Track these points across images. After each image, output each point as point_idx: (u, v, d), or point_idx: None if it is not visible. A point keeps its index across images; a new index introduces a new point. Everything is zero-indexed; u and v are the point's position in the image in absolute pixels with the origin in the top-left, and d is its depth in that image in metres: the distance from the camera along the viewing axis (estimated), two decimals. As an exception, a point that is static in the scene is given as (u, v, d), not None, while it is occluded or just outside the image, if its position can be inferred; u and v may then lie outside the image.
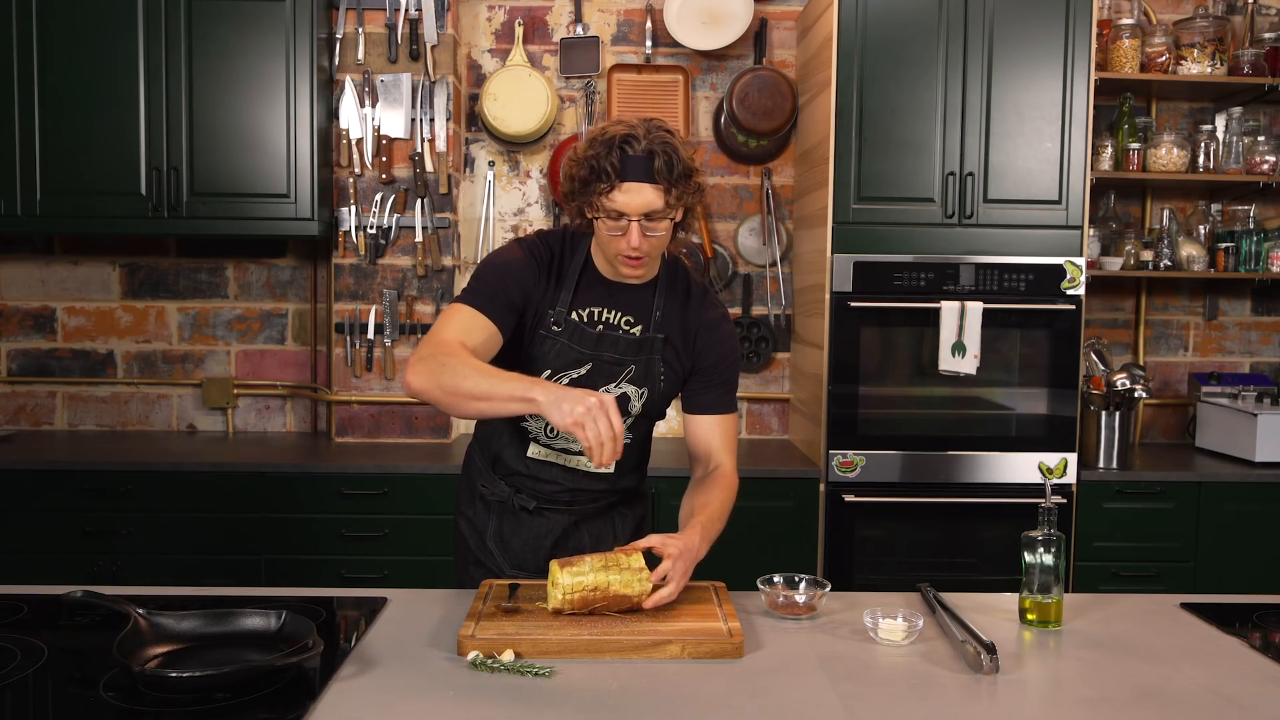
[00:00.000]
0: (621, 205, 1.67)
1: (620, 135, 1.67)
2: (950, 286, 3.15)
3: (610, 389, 1.83)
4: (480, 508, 1.99)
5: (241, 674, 1.35)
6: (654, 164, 1.66)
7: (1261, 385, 3.59)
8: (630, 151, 1.66)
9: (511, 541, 1.95)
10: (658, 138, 1.67)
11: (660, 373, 1.85)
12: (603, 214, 1.70)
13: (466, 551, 2.01)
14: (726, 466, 1.89)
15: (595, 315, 1.82)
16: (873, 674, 1.47)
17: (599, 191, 1.68)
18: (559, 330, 1.80)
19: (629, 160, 1.66)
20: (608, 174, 1.66)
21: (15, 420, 3.76)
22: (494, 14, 3.70)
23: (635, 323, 1.84)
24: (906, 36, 3.12)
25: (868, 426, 3.19)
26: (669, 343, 1.85)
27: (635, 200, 1.67)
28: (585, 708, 1.33)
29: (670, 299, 1.86)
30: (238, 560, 3.11)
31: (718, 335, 1.89)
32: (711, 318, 1.89)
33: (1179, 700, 1.39)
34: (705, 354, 1.88)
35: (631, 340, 1.83)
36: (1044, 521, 1.68)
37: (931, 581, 1.83)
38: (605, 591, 1.60)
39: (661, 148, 1.66)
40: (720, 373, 1.90)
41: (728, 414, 1.92)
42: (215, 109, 3.26)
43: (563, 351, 1.80)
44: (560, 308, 1.80)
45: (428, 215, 3.47)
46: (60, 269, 3.74)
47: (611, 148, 1.66)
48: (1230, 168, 3.48)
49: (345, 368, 3.50)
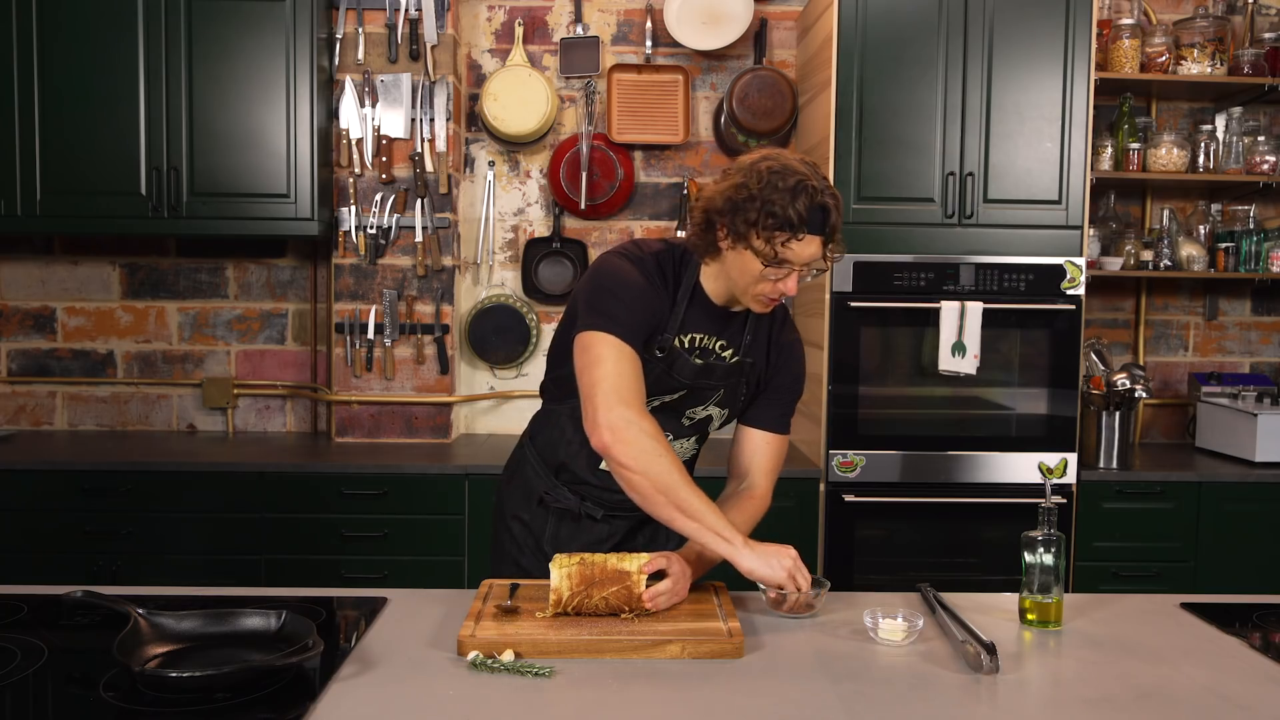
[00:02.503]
0: (795, 255, 1.65)
1: (808, 185, 1.63)
2: (950, 286, 3.15)
3: (697, 411, 1.85)
4: (539, 512, 1.96)
5: (241, 674, 1.35)
6: (830, 219, 1.65)
7: (1261, 385, 3.59)
8: (815, 201, 1.63)
9: (568, 546, 1.93)
10: (830, 188, 1.66)
11: (743, 395, 1.88)
12: (770, 260, 1.66)
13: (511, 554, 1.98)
14: (763, 488, 1.89)
15: (696, 341, 1.81)
16: (873, 674, 1.47)
17: (777, 239, 1.64)
18: (661, 356, 1.78)
19: (814, 211, 1.64)
20: (793, 223, 1.62)
21: (15, 420, 3.76)
22: (494, 14, 3.70)
23: (728, 347, 1.84)
24: (906, 36, 3.11)
25: (868, 426, 3.19)
26: (754, 366, 1.88)
27: (808, 251, 1.66)
28: (585, 708, 1.33)
29: (759, 323, 1.87)
30: (238, 560, 3.11)
31: (792, 357, 1.91)
32: (789, 340, 1.91)
33: (1179, 700, 1.39)
34: (778, 374, 1.90)
35: (724, 366, 1.84)
36: (1044, 521, 1.68)
37: (931, 581, 1.83)
38: (604, 566, 1.61)
39: (835, 201, 1.66)
40: (786, 393, 1.91)
41: (780, 434, 1.92)
42: (215, 109, 3.26)
43: (660, 378, 1.78)
44: (668, 334, 1.77)
45: (428, 215, 3.47)
46: (60, 269, 3.74)
47: (797, 195, 1.62)
48: (1230, 168, 3.48)
49: (345, 368, 3.50)
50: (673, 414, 1.84)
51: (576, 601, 1.60)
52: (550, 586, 1.61)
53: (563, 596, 1.60)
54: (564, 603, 1.61)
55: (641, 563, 1.63)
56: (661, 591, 1.64)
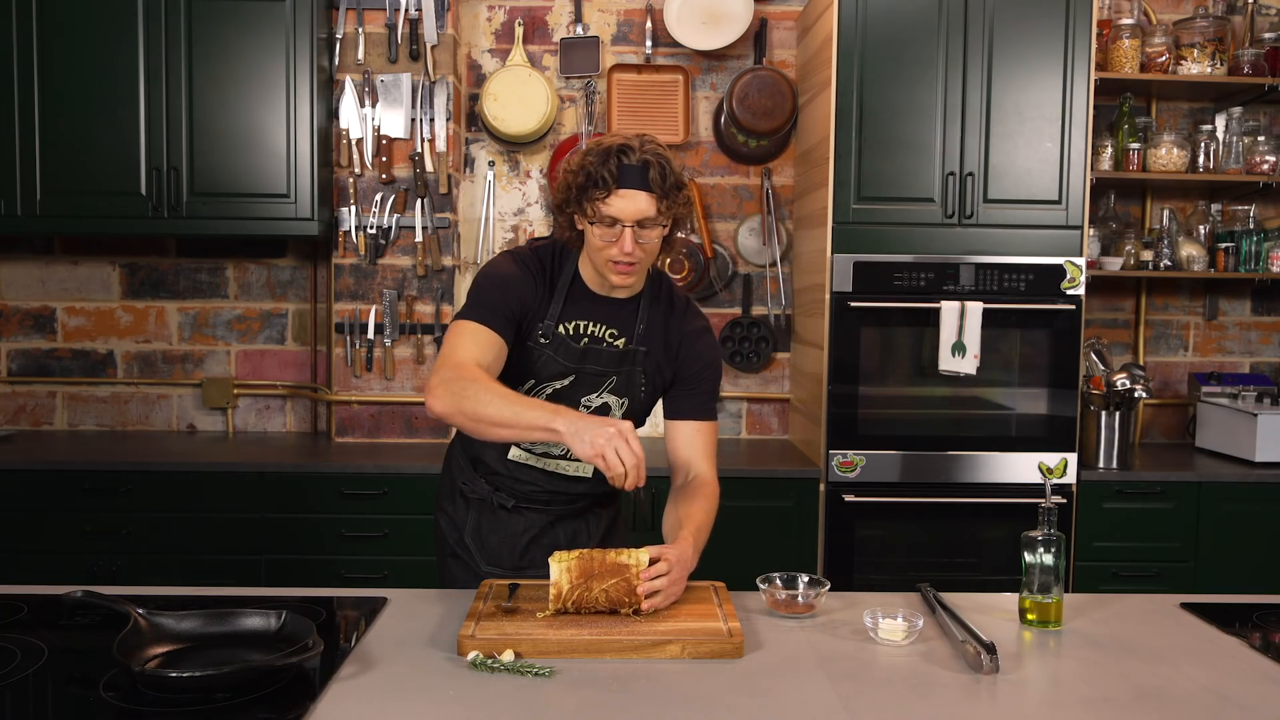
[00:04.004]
0: (617, 211, 1.72)
1: (617, 145, 1.73)
2: (950, 286, 3.15)
3: (591, 399, 1.88)
4: (460, 504, 2.04)
5: (241, 674, 1.35)
6: (649, 173, 1.72)
7: (1261, 385, 3.59)
8: (627, 160, 1.72)
9: (489, 538, 1.99)
10: (651, 149, 1.74)
11: (641, 384, 1.90)
12: (597, 220, 1.74)
13: (445, 546, 2.06)
14: (706, 474, 1.91)
15: (581, 328, 1.87)
16: (873, 674, 1.47)
17: (595, 198, 1.73)
18: (546, 343, 1.85)
19: (625, 168, 1.72)
20: (604, 181, 1.71)
21: (15, 420, 3.76)
22: (494, 14, 3.70)
23: (619, 335, 1.89)
24: (906, 36, 3.12)
25: (868, 426, 3.19)
26: (650, 355, 1.90)
27: (630, 207, 1.72)
28: (585, 708, 1.33)
29: (653, 312, 1.91)
30: (238, 560, 3.11)
31: (699, 346, 1.93)
32: (693, 329, 1.94)
33: (1179, 700, 1.39)
34: (687, 364, 1.92)
35: (614, 353, 1.88)
36: (1044, 521, 1.68)
37: (931, 581, 1.83)
38: (603, 560, 1.61)
39: (655, 158, 1.73)
40: (701, 382, 1.94)
41: (708, 421, 1.95)
42: (215, 109, 3.26)
43: (548, 364, 1.85)
44: (549, 320, 1.85)
45: (428, 215, 3.47)
46: (60, 269, 3.73)
47: (608, 157, 1.72)
48: (1230, 168, 3.48)
49: (345, 368, 3.50)
50: (568, 403, 1.86)
51: (577, 595, 1.61)
52: (550, 582, 1.62)
53: (562, 590, 1.61)
54: (564, 597, 1.61)
55: (641, 556, 1.63)
56: (658, 575, 1.62)
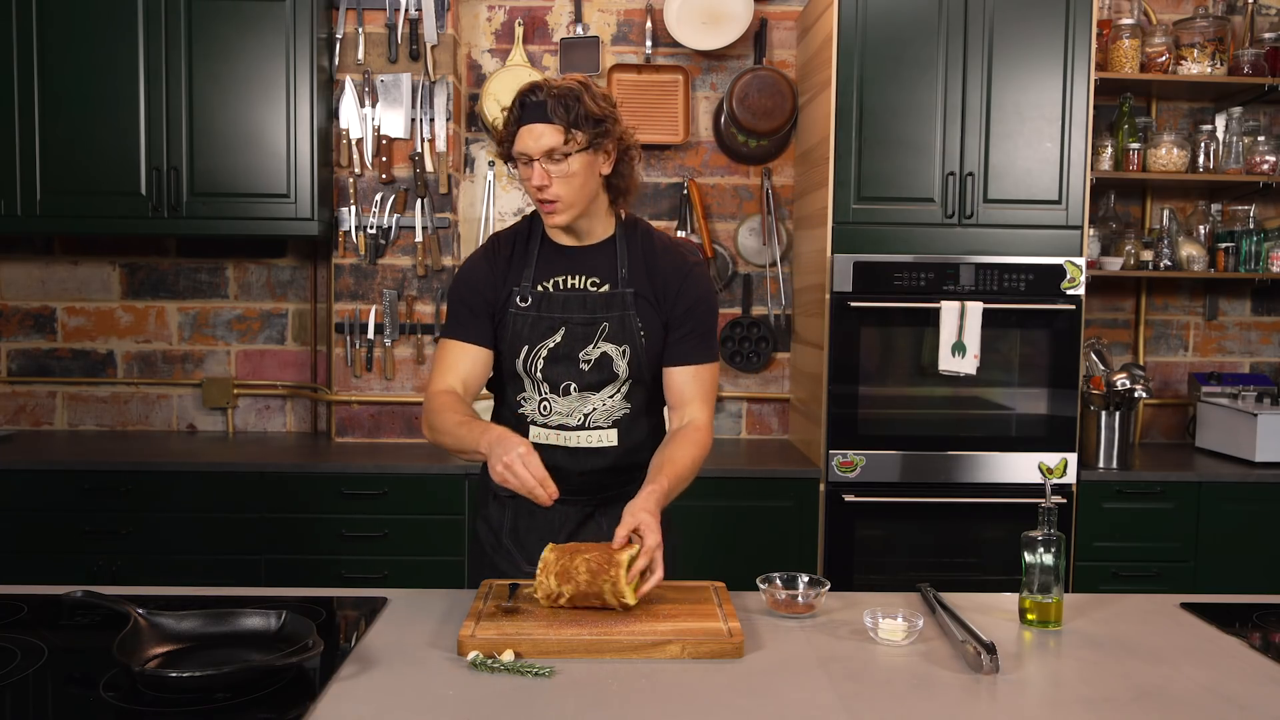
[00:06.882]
0: (523, 146, 1.78)
1: (525, 88, 1.80)
2: (950, 286, 3.15)
3: (589, 351, 1.85)
4: (494, 506, 1.98)
5: (241, 674, 1.35)
6: (549, 106, 1.77)
7: (1261, 385, 3.59)
8: (532, 98, 1.78)
9: (527, 538, 1.93)
10: (560, 85, 1.79)
11: (639, 328, 1.86)
12: (514, 161, 1.81)
13: (483, 554, 1.99)
14: (700, 419, 1.88)
15: (560, 284, 1.88)
16: (873, 674, 1.47)
17: (507, 138, 1.81)
18: (527, 305, 1.86)
19: (529, 105, 1.78)
20: (512, 120, 1.80)
21: (15, 420, 3.76)
22: (494, 14, 3.70)
23: (601, 283, 1.88)
24: (906, 36, 3.12)
25: (868, 426, 3.19)
26: (640, 296, 1.87)
27: (532, 141, 1.77)
28: (585, 708, 1.33)
29: (632, 254, 1.89)
30: (238, 560, 3.11)
31: (689, 281, 1.89)
32: (681, 265, 1.91)
33: (1179, 700, 1.39)
34: (678, 301, 1.88)
35: (599, 297, 1.86)
36: (1044, 521, 1.68)
37: (931, 581, 1.83)
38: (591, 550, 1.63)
39: (561, 91, 1.77)
40: (694, 319, 1.89)
41: (704, 364, 1.90)
42: (215, 109, 3.26)
43: (534, 324, 1.86)
44: (525, 284, 1.87)
45: (428, 215, 3.47)
46: (60, 269, 3.74)
47: (516, 98, 1.81)
48: (1230, 168, 3.48)
49: (345, 368, 3.50)
50: (568, 362, 1.85)
51: (560, 565, 1.62)
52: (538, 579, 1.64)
53: (549, 561, 1.63)
54: (549, 567, 1.62)
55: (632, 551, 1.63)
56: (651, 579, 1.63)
